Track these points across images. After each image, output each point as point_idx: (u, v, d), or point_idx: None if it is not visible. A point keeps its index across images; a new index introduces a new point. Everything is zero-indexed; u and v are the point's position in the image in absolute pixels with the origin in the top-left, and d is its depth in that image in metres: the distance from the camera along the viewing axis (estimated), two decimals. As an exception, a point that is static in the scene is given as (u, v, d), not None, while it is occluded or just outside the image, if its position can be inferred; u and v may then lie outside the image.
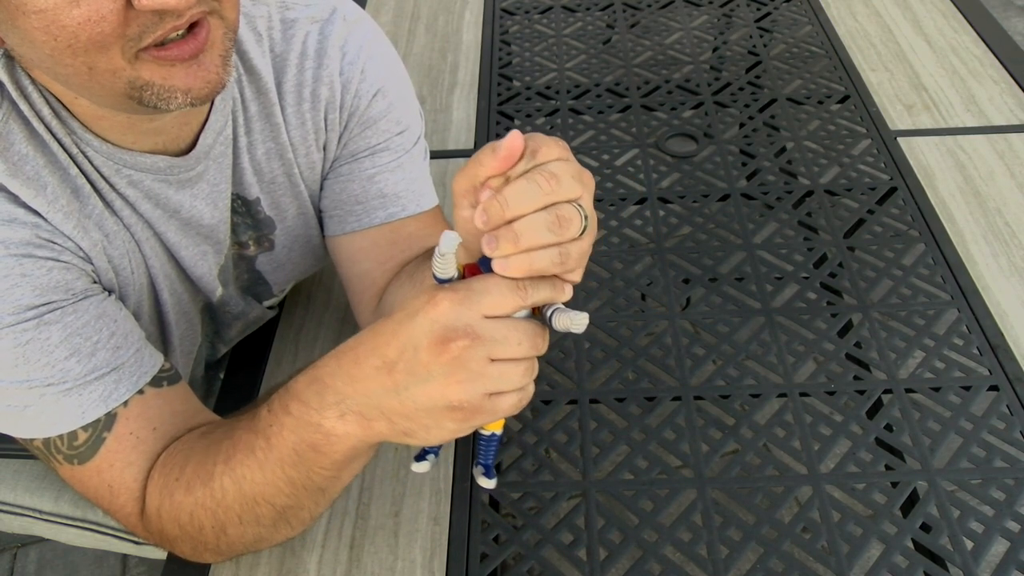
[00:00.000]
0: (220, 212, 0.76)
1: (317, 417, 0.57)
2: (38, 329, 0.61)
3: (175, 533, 0.67)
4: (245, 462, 0.62)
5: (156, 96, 0.58)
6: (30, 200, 0.62)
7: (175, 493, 0.65)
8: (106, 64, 0.56)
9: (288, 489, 0.62)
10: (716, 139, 1.20)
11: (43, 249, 0.62)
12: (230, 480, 0.63)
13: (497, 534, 0.77)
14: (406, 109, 0.82)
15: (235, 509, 0.64)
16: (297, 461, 0.60)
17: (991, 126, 1.18)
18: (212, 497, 0.64)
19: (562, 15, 1.49)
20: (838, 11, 1.44)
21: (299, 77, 0.76)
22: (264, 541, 0.68)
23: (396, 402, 0.53)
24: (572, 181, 0.49)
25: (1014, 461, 0.80)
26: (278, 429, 0.60)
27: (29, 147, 0.62)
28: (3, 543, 1.66)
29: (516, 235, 0.48)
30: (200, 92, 0.60)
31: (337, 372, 0.56)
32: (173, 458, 0.66)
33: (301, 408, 0.58)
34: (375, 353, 0.53)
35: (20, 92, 0.63)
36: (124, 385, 0.65)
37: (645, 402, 0.87)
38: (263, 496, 0.63)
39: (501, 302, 0.50)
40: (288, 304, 0.99)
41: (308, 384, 0.58)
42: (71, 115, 0.64)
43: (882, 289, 0.97)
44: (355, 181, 0.81)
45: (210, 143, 0.72)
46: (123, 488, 0.67)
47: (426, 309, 0.50)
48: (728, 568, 0.74)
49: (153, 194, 0.70)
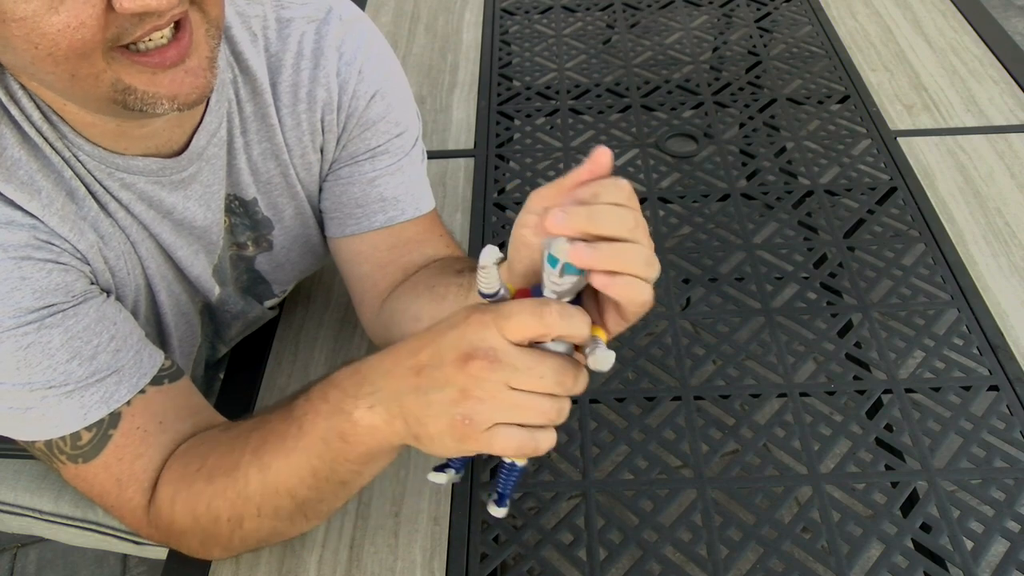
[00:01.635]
0: (213, 213, 0.76)
1: (351, 405, 0.58)
2: (39, 332, 0.61)
3: (186, 525, 0.67)
4: (273, 449, 0.62)
5: (141, 101, 0.58)
6: (25, 204, 0.61)
7: (195, 483, 0.65)
8: (88, 69, 0.55)
9: (311, 480, 0.62)
10: (716, 139, 1.20)
11: (42, 251, 0.62)
12: (256, 469, 0.63)
13: (497, 534, 0.77)
14: (404, 110, 0.81)
15: (255, 500, 0.64)
16: (324, 450, 0.60)
17: (991, 126, 1.18)
18: (234, 487, 0.64)
19: (562, 15, 1.49)
20: (838, 11, 1.44)
21: (295, 78, 0.75)
22: (277, 536, 0.69)
23: (415, 403, 0.54)
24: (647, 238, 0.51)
25: (1014, 461, 0.80)
26: (313, 416, 0.60)
27: (21, 151, 0.62)
28: (3, 543, 1.66)
29: (590, 215, 0.49)
30: (187, 98, 0.59)
31: (377, 366, 0.58)
32: (195, 449, 0.67)
33: (338, 395, 0.59)
34: (412, 355, 0.55)
35: (10, 97, 0.62)
36: (125, 386, 0.65)
37: (645, 402, 0.87)
38: (286, 487, 0.63)
39: (522, 325, 0.51)
40: (288, 304, 0.99)
41: (350, 375, 0.59)
42: (61, 120, 0.64)
43: (882, 289, 0.97)
44: (355, 184, 0.81)
45: (203, 144, 0.71)
46: (132, 480, 0.67)
47: (462, 325, 0.52)
48: (728, 568, 0.74)
49: (146, 196, 0.70)
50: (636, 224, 0.50)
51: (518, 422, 0.52)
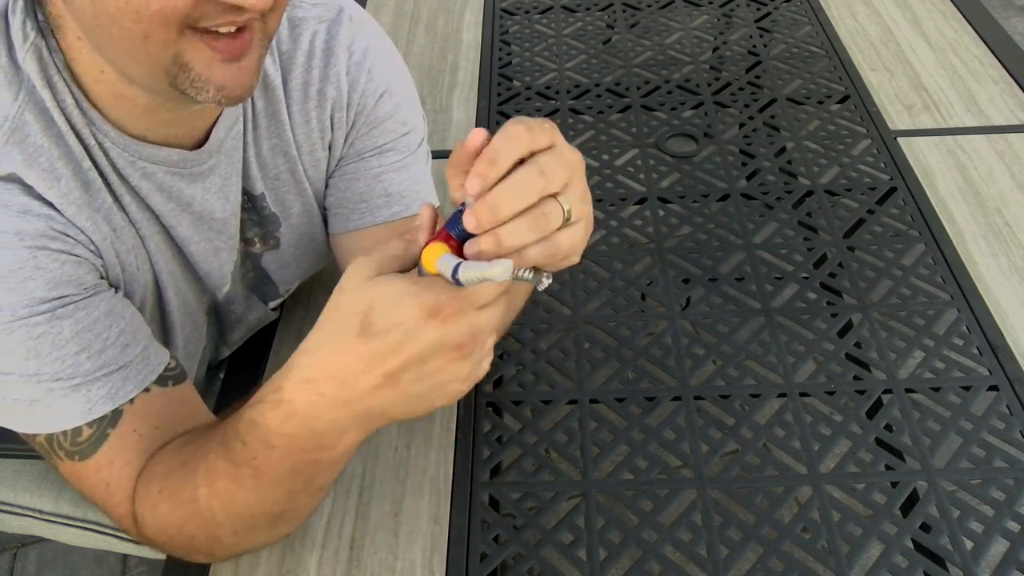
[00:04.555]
0: (231, 206, 0.77)
1: (315, 443, 0.58)
2: (50, 323, 0.61)
3: (164, 540, 0.67)
4: (231, 488, 0.62)
5: (190, 82, 0.59)
6: (45, 191, 0.62)
7: (159, 506, 0.65)
8: (162, 35, 0.56)
9: (286, 498, 0.63)
10: (716, 139, 1.20)
11: (56, 242, 0.62)
12: (218, 503, 0.63)
13: (497, 534, 0.77)
14: (411, 110, 0.83)
15: (228, 525, 0.64)
16: (296, 476, 0.61)
17: (991, 126, 1.18)
18: (200, 515, 0.64)
19: (562, 15, 1.49)
20: (838, 11, 1.44)
21: (306, 76, 0.77)
22: (260, 544, 0.69)
23: (404, 404, 0.55)
24: (560, 172, 0.51)
25: (1014, 461, 0.80)
26: (264, 460, 0.60)
27: (45, 138, 0.63)
28: (3, 543, 1.66)
29: (499, 240, 0.50)
30: (232, 92, 0.61)
31: (320, 402, 0.56)
32: (156, 467, 0.66)
33: (288, 441, 0.58)
34: (370, 371, 0.54)
35: (45, 80, 0.63)
36: (131, 383, 0.66)
37: (645, 402, 0.87)
38: (260, 510, 0.63)
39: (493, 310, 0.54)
40: (288, 304, 0.99)
41: (284, 421, 0.58)
42: (92, 106, 0.65)
43: (882, 289, 0.97)
44: (361, 179, 0.81)
45: (222, 137, 0.72)
46: (119, 487, 0.67)
47: (433, 324, 0.52)
48: (728, 568, 0.74)
49: (166, 187, 0.71)
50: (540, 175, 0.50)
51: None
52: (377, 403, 0.55)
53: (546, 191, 0.50)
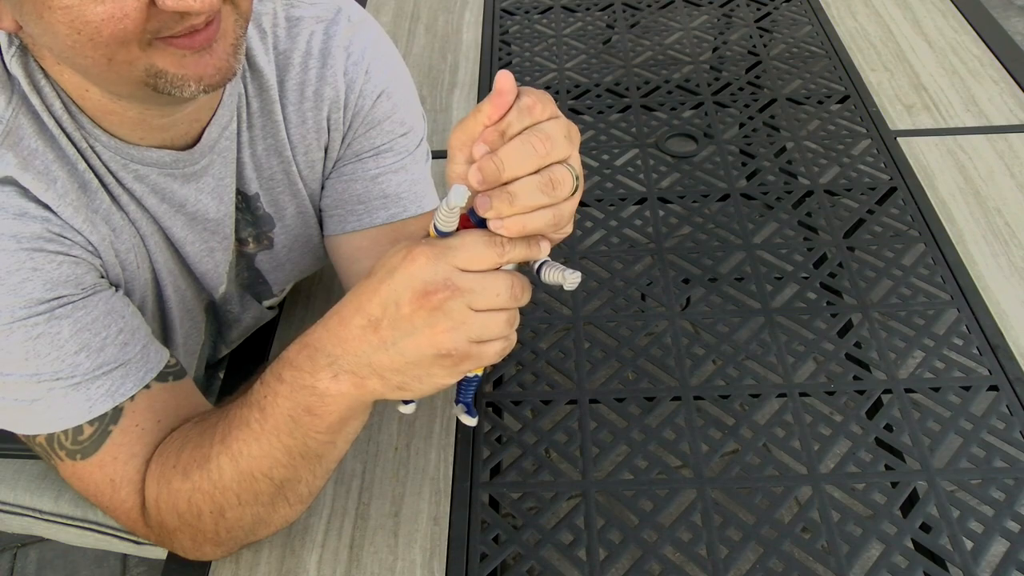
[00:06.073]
0: (225, 206, 0.76)
1: (311, 380, 0.59)
2: (49, 323, 0.62)
3: (174, 523, 0.67)
4: (241, 437, 0.63)
5: (170, 84, 0.60)
6: (41, 194, 0.62)
7: (172, 480, 0.65)
8: (124, 56, 0.57)
9: (285, 459, 0.63)
10: (716, 139, 1.20)
11: (54, 243, 0.62)
12: (227, 458, 0.63)
13: (497, 534, 0.77)
14: (410, 111, 0.82)
15: (233, 489, 0.64)
16: (293, 428, 0.61)
17: (991, 126, 1.18)
18: (209, 479, 0.64)
19: (562, 15, 1.49)
20: (838, 11, 1.44)
21: (302, 76, 0.76)
22: (263, 524, 0.69)
23: (386, 358, 0.55)
24: (564, 141, 0.52)
25: (1014, 461, 0.80)
26: (272, 398, 0.61)
27: (39, 142, 0.63)
28: (3, 543, 1.66)
29: (512, 196, 0.51)
30: (212, 79, 0.61)
31: (325, 335, 0.58)
32: (169, 447, 0.67)
33: (294, 374, 0.59)
34: (359, 312, 0.55)
35: (32, 86, 0.63)
36: (131, 380, 0.66)
37: (645, 402, 0.87)
38: (260, 470, 0.63)
39: (478, 258, 0.53)
40: (288, 304, 0.99)
41: (299, 351, 0.60)
42: (80, 111, 0.65)
43: (882, 289, 0.97)
44: (358, 181, 0.81)
45: (215, 137, 0.72)
46: (126, 481, 0.67)
47: (404, 265, 0.53)
48: (728, 568, 0.74)
49: (159, 188, 0.71)
50: (548, 152, 0.51)
51: (487, 338, 0.55)
52: (364, 348, 0.56)
53: (552, 158, 0.52)
